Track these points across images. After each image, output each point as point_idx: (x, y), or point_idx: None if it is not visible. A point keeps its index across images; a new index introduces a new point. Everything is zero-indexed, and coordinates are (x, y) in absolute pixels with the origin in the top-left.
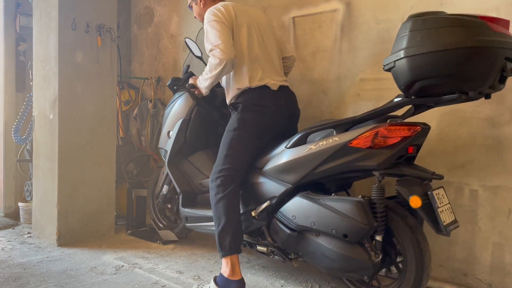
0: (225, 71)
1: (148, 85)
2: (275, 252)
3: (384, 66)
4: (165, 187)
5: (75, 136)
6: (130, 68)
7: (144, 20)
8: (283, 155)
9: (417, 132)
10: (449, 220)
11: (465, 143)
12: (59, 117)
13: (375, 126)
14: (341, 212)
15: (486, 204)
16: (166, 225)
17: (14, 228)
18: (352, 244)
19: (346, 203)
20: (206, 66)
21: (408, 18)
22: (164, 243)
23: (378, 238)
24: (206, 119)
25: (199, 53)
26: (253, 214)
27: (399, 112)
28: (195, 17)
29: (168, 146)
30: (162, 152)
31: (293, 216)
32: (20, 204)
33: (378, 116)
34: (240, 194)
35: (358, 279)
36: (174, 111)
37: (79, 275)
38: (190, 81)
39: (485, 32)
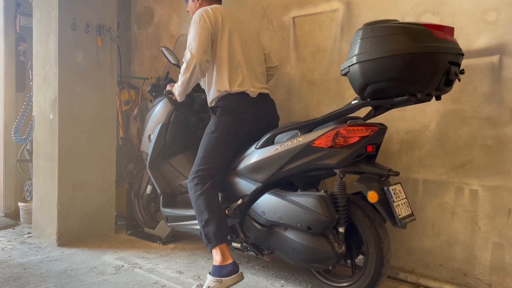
0: (194, 75)
1: (148, 85)
2: (249, 248)
3: (341, 71)
4: (148, 187)
5: (75, 136)
6: (130, 68)
7: (144, 20)
8: (253, 155)
9: (374, 132)
10: (405, 214)
11: (465, 143)
12: (59, 117)
13: (335, 126)
14: (304, 206)
15: (486, 204)
16: (149, 222)
17: (14, 228)
18: (316, 236)
19: (309, 197)
20: (180, 73)
21: (362, 26)
22: (164, 243)
23: (341, 230)
24: (184, 123)
25: (175, 60)
26: (226, 212)
27: (362, 114)
28: (188, 11)
29: (149, 149)
30: (143, 155)
31: (262, 212)
32: (20, 204)
33: (338, 118)
34: (218, 190)
35: (326, 271)
36: (154, 115)
37: (79, 275)
38: (168, 87)
39: (427, 38)
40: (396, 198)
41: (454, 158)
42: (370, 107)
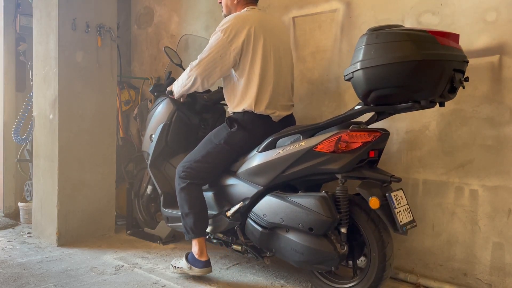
0: (194, 87)
1: (148, 85)
2: (249, 251)
3: (344, 76)
4: (149, 187)
5: (75, 136)
6: (130, 68)
7: (144, 20)
8: (255, 159)
9: (377, 138)
10: (406, 220)
11: (465, 143)
12: (59, 117)
13: (338, 132)
14: (306, 207)
15: (486, 204)
16: (149, 222)
17: (14, 228)
18: (318, 237)
19: (310, 198)
20: (183, 72)
21: (366, 32)
22: (164, 243)
23: (343, 230)
24: (186, 123)
25: (178, 60)
26: (227, 214)
27: (365, 119)
28: (220, 2)
29: (150, 149)
30: (144, 155)
31: (264, 214)
32: (20, 204)
33: (341, 122)
34: (201, 191)
35: (328, 272)
36: (155, 115)
37: (79, 275)
38: (168, 88)
39: (432, 46)
40: (397, 205)
41: (454, 158)
42: (373, 113)
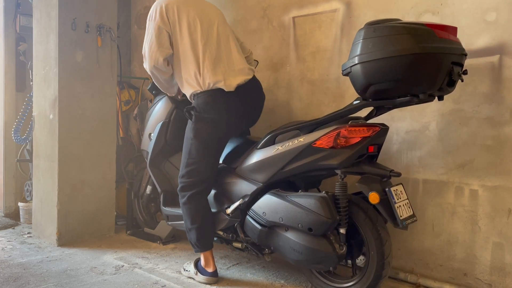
0: (156, 76)
1: (148, 85)
2: (249, 248)
3: (342, 71)
4: (148, 187)
5: (75, 136)
6: (130, 68)
7: (144, 20)
8: (254, 155)
9: (376, 132)
10: (406, 215)
11: (465, 143)
12: (59, 117)
13: (336, 127)
14: (305, 207)
15: (486, 204)
16: (149, 222)
17: (14, 228)
18: (317, 237)
19: (310, 198)
20: None
21: (364, 26)
22: (164, 243)
23: (342, 231)
24: (185, 121)
25: None
26: (227, 212)
27: (363, 114)
28: None
29: (150, 147)
30: (144, 154)
31: (263, 212)
32: (20, 204)
33: (340, 118)
34: (204, 197)
35: (327, 271)
36: (154, 114)
37: (79, 275)
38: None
39: (430, 39)
40: (397, 199)
41: (454, 158)
42: (372, 108)
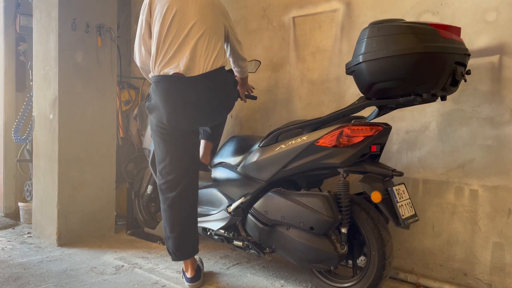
0: (144, 71)
1: (148, 85)
2: (250, 246)
3: (346, 69)
4: (149, 187)
5: (75, 136)
6: (130, 68)
7: None
8: (256, 154)
9: (379, 132)
10: (408, 214)
11: (465, 143)
12: (59, 117)
13: (339, 126)
14: (308, 206)
15: (486, 204)
16: (149, 222)
17: (14, 228)
18: (319, 236)
19: (312, 197)
20: None
21: (368, 25)
22: (164, 243)
23: (344, 230)
24: None
25: None
26: (228, 210)
27: (366, 113)
28: None
29: (152, 146)
30: (145, 152)
31: (265, 211)
32: (20, 204)
33: (343, 117)
34: (186, 201)
35: (327, 271)
36: None
37: (79, 275)
38: None
39: (434, 38)
40: (399, 199)
41: (454, 158)
42: (375, 107)
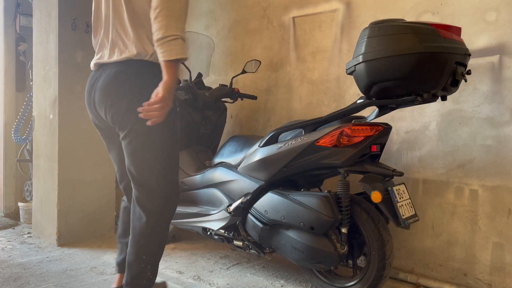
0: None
1: None
2: (250, 246)
3: (346, 70)
4: None
5: (75, 136)
6: None
7: None
8: (256, 153)
9: (379, 132)
10: (408, 214)
11: (465, 143)
12: (59, 117)
13: (340, 126)
14: (308, 206)
15: (486, 204)
16: None
17: (14, 228)
18: (319, 236)
19: (312, 197)
20: None
21: (369, 25)
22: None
23: (344, 230)
24: (187, 120)
25: None
26: (229, 210)
27: (366, 114)
28: None
29: None
30: None
31: (265, 211)
32: (20, 204)
33: (343, 117)
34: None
35: (327, 271)
36: None
37: (79, 275)
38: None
39: (434, 38)
40: (400, 199)
41: (454, 158)
42: (375, 107)
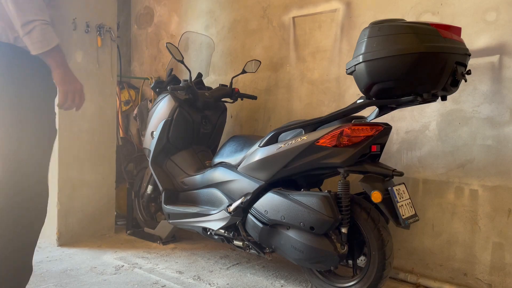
0: None
1: (148, 85)
2: (250, 246)
3: (346, 69)
4: (149, 187)
5: (75, 136)
6: (130, 68)
7: (144, 20)
8: (256, 153)
9: (379, 132)
10: (408, 214)
11: (465, 143)
12: (59, 117)
13: (340, 126)
14: (308, 206)
15: (486, 204)
16: (149, 222)
17: None
18: (319, 236)
19: (312, 197)
20: None
21: (369, 25)
22: (164, 243)
23: (344, 230)
24: (187, 120)
25: (180, 57)
26: (229, 210)
27: (366, 114)
28: None
29: (152, 146)
30: (146, 152)
31: (265, 211)
32: None
33: (343, 117)
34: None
35: (327, 271)
36: (157, 112)
37: (79, 275)
38: None
39: (435, 38)
40: (400, 199)
41: (454, 158)
42: (375, 107)
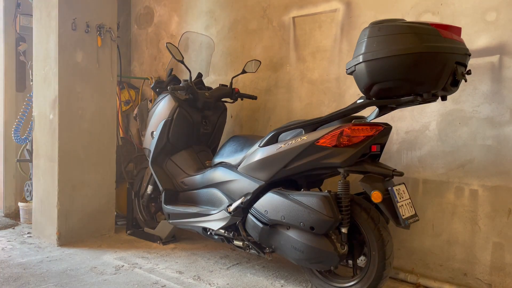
0: None
1: (148, 85)
2: (250, 246)
3: (346, 69)
4: (149, 187)
5: (75, 136)
6: (130, 68)
7: (144, 20)
8: (256, 153)
9: (379, 132)
10: (408, 214)
11: (465, 143)
12: (59, 117)
13: (340, 126)
14: (308, 206)
15: (486, 204)
16: (149, 222)
17: (14, 228)
18: (319, 236)
19: (312, 197)
20: None
21: (369, 25)
22: (164, 243)
23: (344, 230)
24: (187, 120)
25: (180, 57)
26: (229, 210)
27: (366, 114)
28: None
29: (152, 146)
30: (146, 152)
31: (265, 211)
32: (20, 204)
33: (343, 117)
34: None
35: (327, 271)
36: (157, 112)
37: (79, 275)
38: None
39: (435, 38)
40: (400, 199)
41: (454, 158)
42: (375, 107)
